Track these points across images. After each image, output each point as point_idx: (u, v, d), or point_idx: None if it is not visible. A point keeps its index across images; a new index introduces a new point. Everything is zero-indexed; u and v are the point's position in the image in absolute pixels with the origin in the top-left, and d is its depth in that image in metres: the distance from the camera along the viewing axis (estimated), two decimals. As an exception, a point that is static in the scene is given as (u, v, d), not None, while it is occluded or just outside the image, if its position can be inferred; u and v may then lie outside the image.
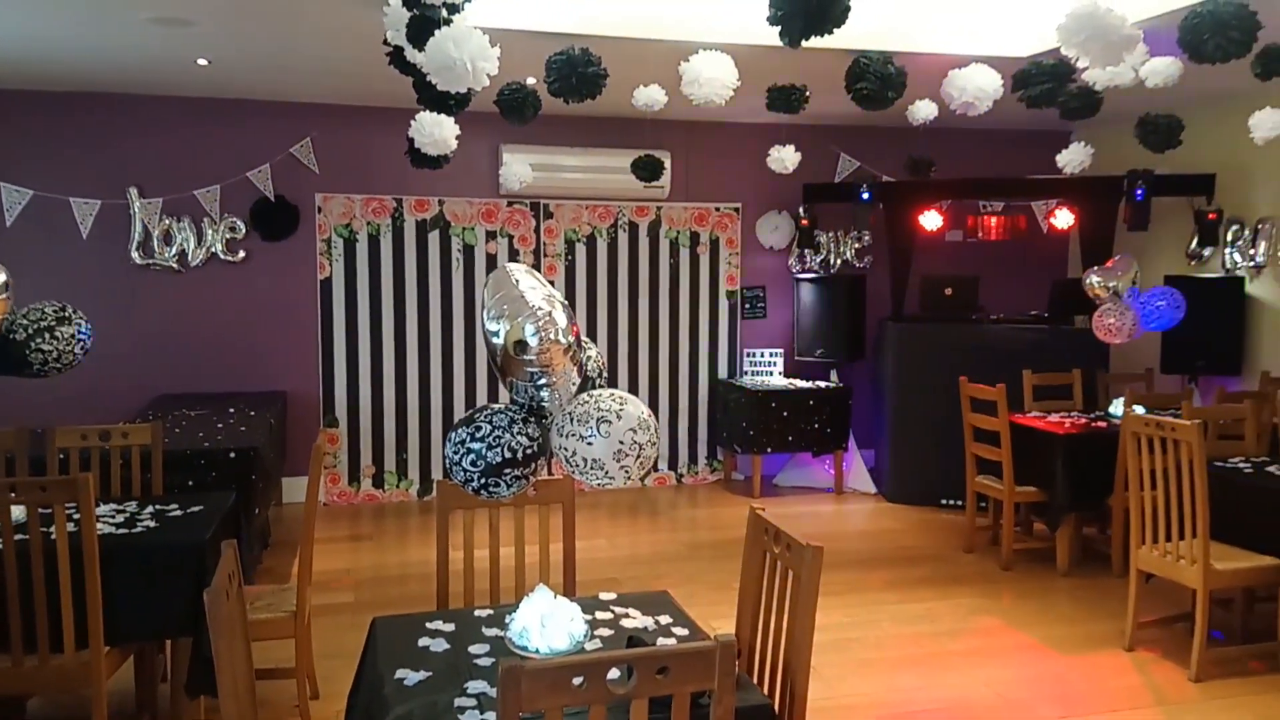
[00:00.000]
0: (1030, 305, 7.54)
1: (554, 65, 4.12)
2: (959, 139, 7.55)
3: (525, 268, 2.26)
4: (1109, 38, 2.64)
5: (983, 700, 3.97)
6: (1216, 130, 6.36)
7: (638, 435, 2.15)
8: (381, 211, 6.97)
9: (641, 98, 4.88)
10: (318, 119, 6.84)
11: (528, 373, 2.11)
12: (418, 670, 2.29)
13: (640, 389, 7.57)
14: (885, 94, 4.44)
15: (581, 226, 7.35)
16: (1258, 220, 6.57)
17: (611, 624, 2.57)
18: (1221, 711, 3.84)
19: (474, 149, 6.93)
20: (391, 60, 3.69)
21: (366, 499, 7.07)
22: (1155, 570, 4.30)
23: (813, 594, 2.44)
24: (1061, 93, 4.33)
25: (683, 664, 1.83)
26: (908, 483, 7.07)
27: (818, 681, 4.04)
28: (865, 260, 7.85)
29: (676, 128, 7.36)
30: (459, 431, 2.20)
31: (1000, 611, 4.94)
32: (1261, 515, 4.17)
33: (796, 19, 2.44)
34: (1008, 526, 5.60)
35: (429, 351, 7.12)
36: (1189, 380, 6.75)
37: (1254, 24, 3.53)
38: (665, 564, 5.71)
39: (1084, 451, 5.37)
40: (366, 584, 5.33)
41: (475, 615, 2.63)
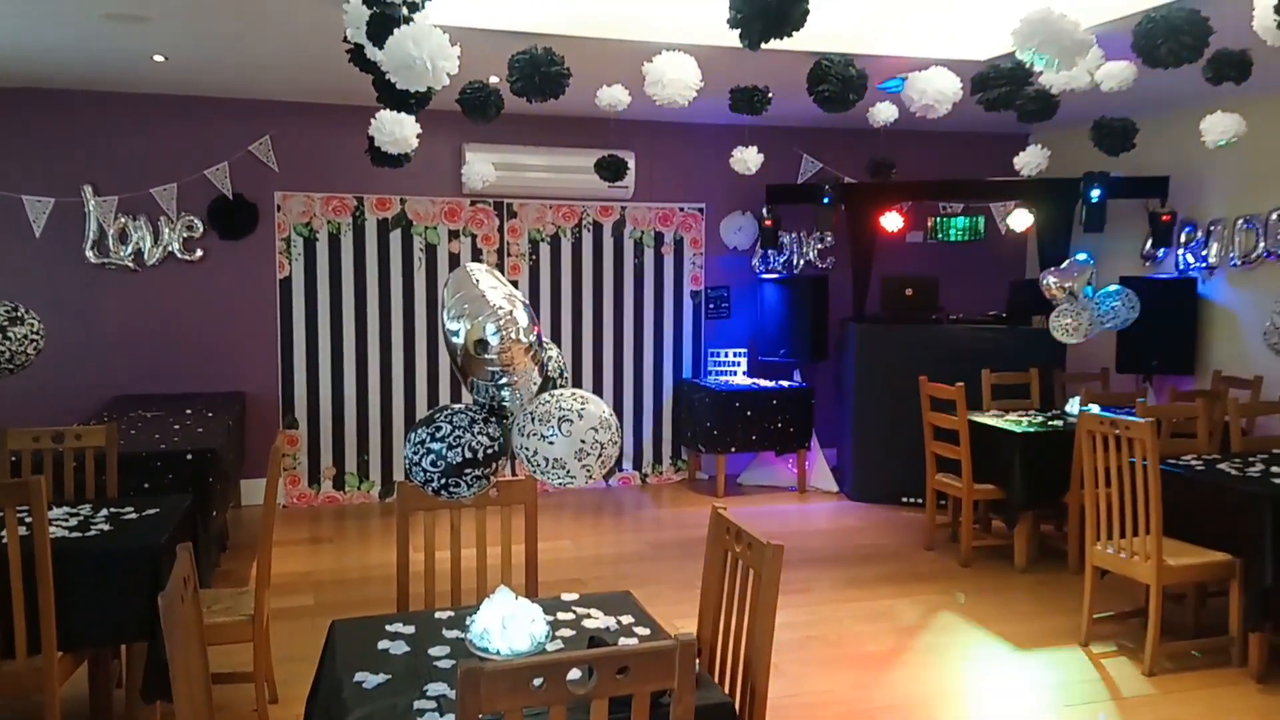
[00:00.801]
0: (989, 306, 7.64)
1: (517, 64, 4.12)
2: (919, 141, 7.63)
3: (486, 267, 2.25)
4: (1062, 42, 2.68)
5: (941, 696, 4.01)
6: (1170, 134, 6.49)
7: (599, 434, 2.15)
8: (342, 210, 6.91)
9: (605, 98, 4.88)
10: (277, 116, 6.76)
11: (489, 372, 2.11)
12: (377, 673, 2.28)
13: (605, 389, 7.57)
14: (846, 96, 4.49)
15: (545, 226, 7.34)
16: (1210, 222, 6.71)
17: (573, 625, 2.57)
18: (1175, 705, 3.91)
19: (436, 148, 6.89)
20: (352, 58, 3.66)
21: (327, 501, 7.00)
22: (1110, 566, 4.38)
23: (773, 592, 2.46)
24: (1019, 96, 4.40)
25: (643, 664, 1.84)
26: (869, 481, 7.13)
27: (780, 679, 4.08)
28: (828, 261, 7.91)
29: (640, 128, 7.36)
30: (418, 432, 2.19)
31: (959, 608, 4.99)
32: (1213, 512, 4.25)
33: (756, 22, 2.46)
34: (966, 524, 5.67)
35: (390, 352, 7.06)
36: (1143, 379, 6.88)
37: (1206, 30, 3.61)
38: (629, 564, 5.71)
39: (1041, 450, 5.46)
40: (327, 587, 5.28)
41: (436, 617, 2.62)
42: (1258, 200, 6.36)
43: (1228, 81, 4.11)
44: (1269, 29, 3.13)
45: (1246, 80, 4.13)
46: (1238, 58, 4.06)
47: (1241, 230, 6.47)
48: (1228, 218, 6.59)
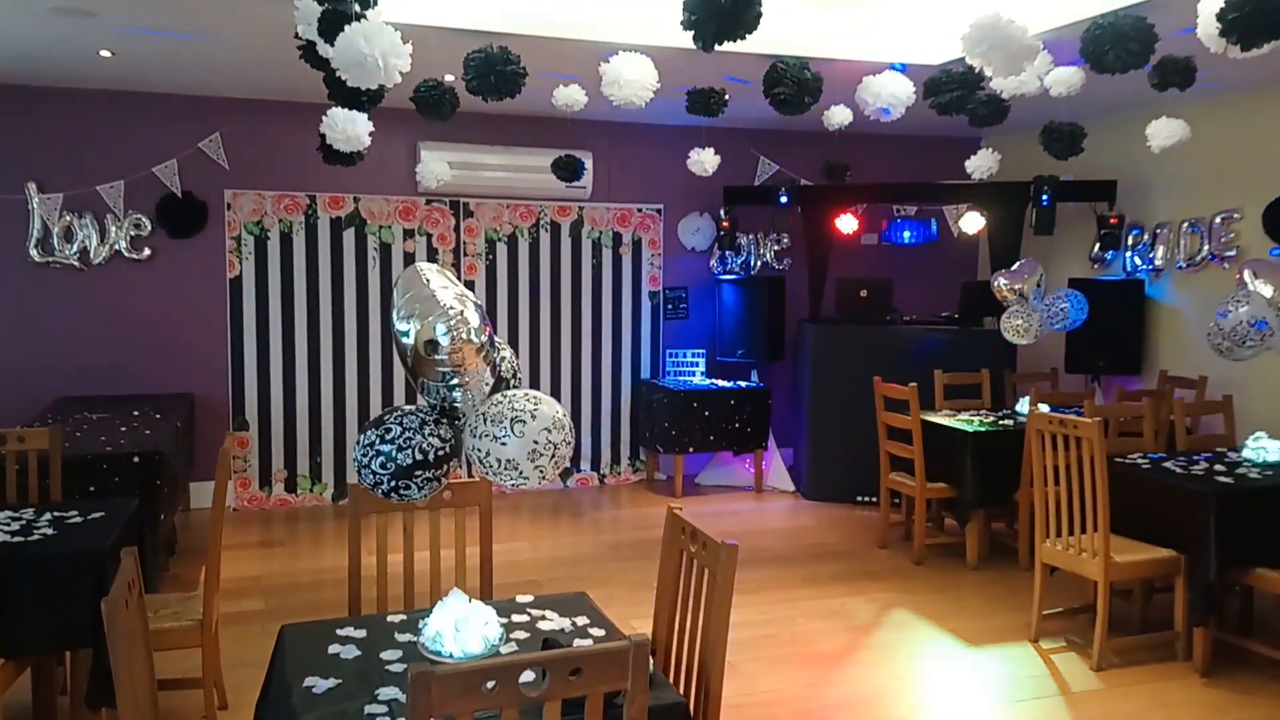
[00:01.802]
0: (942, 307, 7.74)
1: (472, 63, 4.09)
2: (874, 145, 7.71)
3: (437, 267, 2.23)
4: (1010, 48, 2.72)
5: (895, 693, 4.05)
6: (1117, 138, 6.62)
7: (552, 435, 2.14)
8: (294, 209, 6.82)
9: (561, 98, 4.86)
10: (227, 113, 6.65)
11: (439, 373, 2.09)
12: (327, 678, 2.25)
13: (562, 390, 7.55)
14: (802, 99, 4.53)
15: (502, 226, 7.30)
16: (1156, 225, 6.86)
17: (528, 627, 2.55)
18: (1122, 699, 3.98)
19: (391, 146, 6.83)
20: (303, 55, 3.61)
21: (279, 504, 6.90)
22: (1059, 563, 4.45)
23: (728, 592, 2.46)
24: (970, 100, 4.46)
25: (596, 665, 1.83)
26: (825, 480, 7.19)
27: (735, 678, 4.09)
28: (785, 262, 7.96)
29: (598, 128, 7.36)
30: (367, 433, 2.16)
31: (912, 605, 5.05)
32: (1159, 509, 4.34)
33: (709, 23, 2.46)
34: (919, 522, 5.74)
35: (344, 352, 6.98)
36: (1091, 379, 7.01)
37: (1152, 37, 3.69)
38: (586, 565, 5.70)
39: (992, 449, 5.53)
40: (278, 591, 5.21)
41: (388, 621, 2.59)
42: (1202, 204, 6.51)
43: (1172, 87, 4.21)
44: (1211, 36, 3.19)
45: (1190, 86, 4.22)
46: (1182, 64, 4.16)
47: (1186, 233, 6.62)
48: (1173, 221, 6.73)
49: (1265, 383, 5.95)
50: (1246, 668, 4.22)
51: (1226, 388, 5.81)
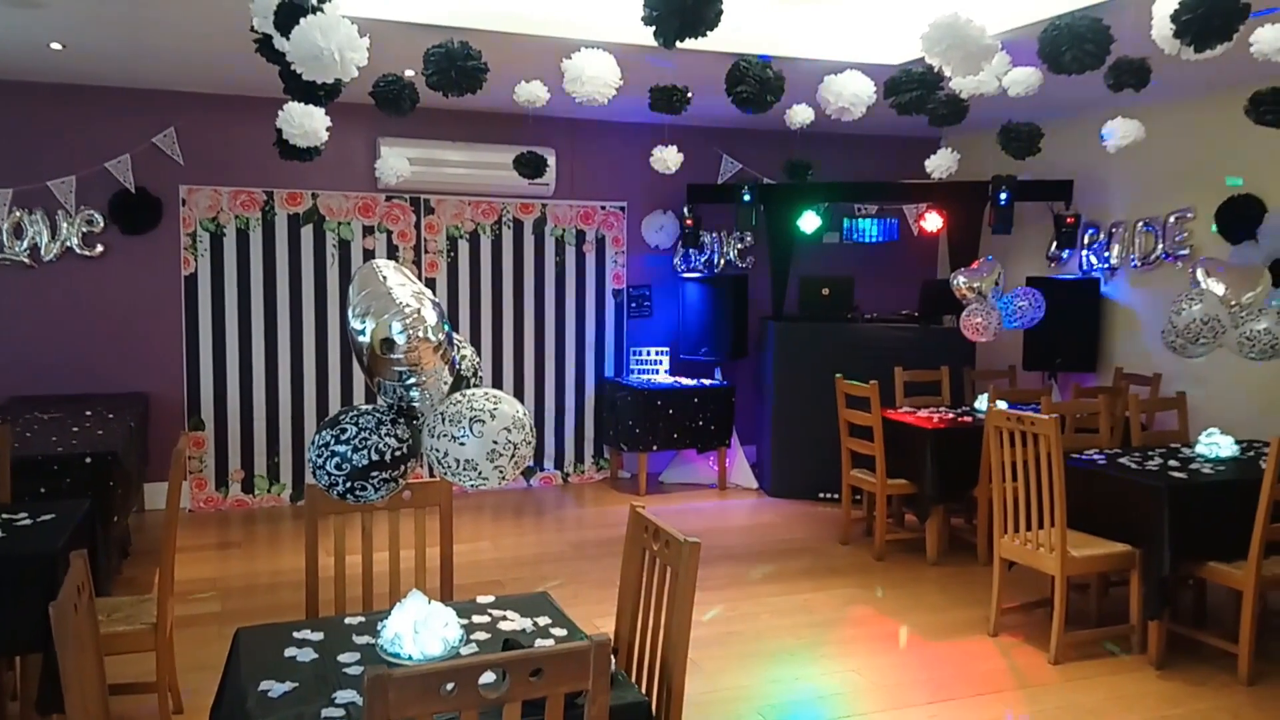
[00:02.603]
0: (902, 305, 7.80)
1: (432, 58, 4.05)
2: (835, 144, 7.75)
3: (394, 264, 2.20)
4: (968, 48, 2.74)
5: (856, 688, 4.08)
6: (1074, 138, 6.71)
7: (512, 434, 2.12)
8: (251, 205, 6.71)
9: (523, 94, 4.83)
10: (182, 108, 6.53)
11: (395, 372, 2.06)
12: (283, 681, 2.21)
13: (526, 388, 7.51)
14: (764, 97, 4.53)
15: (464, 222, 7.24)
16: (1111, 224, 6.96)
17: (489, 627, 2.53)
18: (1078, 691, 4.04)
19: (350, 141, 6.75)
20: (259, 48, 3.55)
21: (235, 505, 6.80)
22: (1017, 558, 4.50)
23: (690, 589, 2.46)
24: (930, 100, 4.49)
25: (556, 665, 1.82)
26: (787, 477, 7.22)
27: (698, 675, 4.09)
28: (748, 260, 7.98)
29: (561, 125, 7.32)
30: (322, 434, 2.13)
31: (873, 601, 5.09)
32: (1114, 504, 4.40)
33: (671, 20, 2.45)
34: (880, 518, 5.78)
35: (302, 351, 6.89)
36: (1049, 376, 7.10)
37: (1108, 38, 3.73)
38: (550, 564, 5.67)
39: (951, 445, 5.59)
40: (235, 593, 5.13)
41: (346, 623, 2.56)
42: (1156, 203, 6.62)
43: (1128, 88, 4.26)
44: (1166, 38, 3.24)
45: (1145, 87, 4.28)
46: (1137, 65, 4.22)
47: (1141, 232, 6.73)
48: (1128, 220, 6.84)
49: (1218, 379, 6.07)
50: (1199, 659, 4.29)
51: (1180, 384, 5.91)
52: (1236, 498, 4.13)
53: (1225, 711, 3.85)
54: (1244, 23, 3.08)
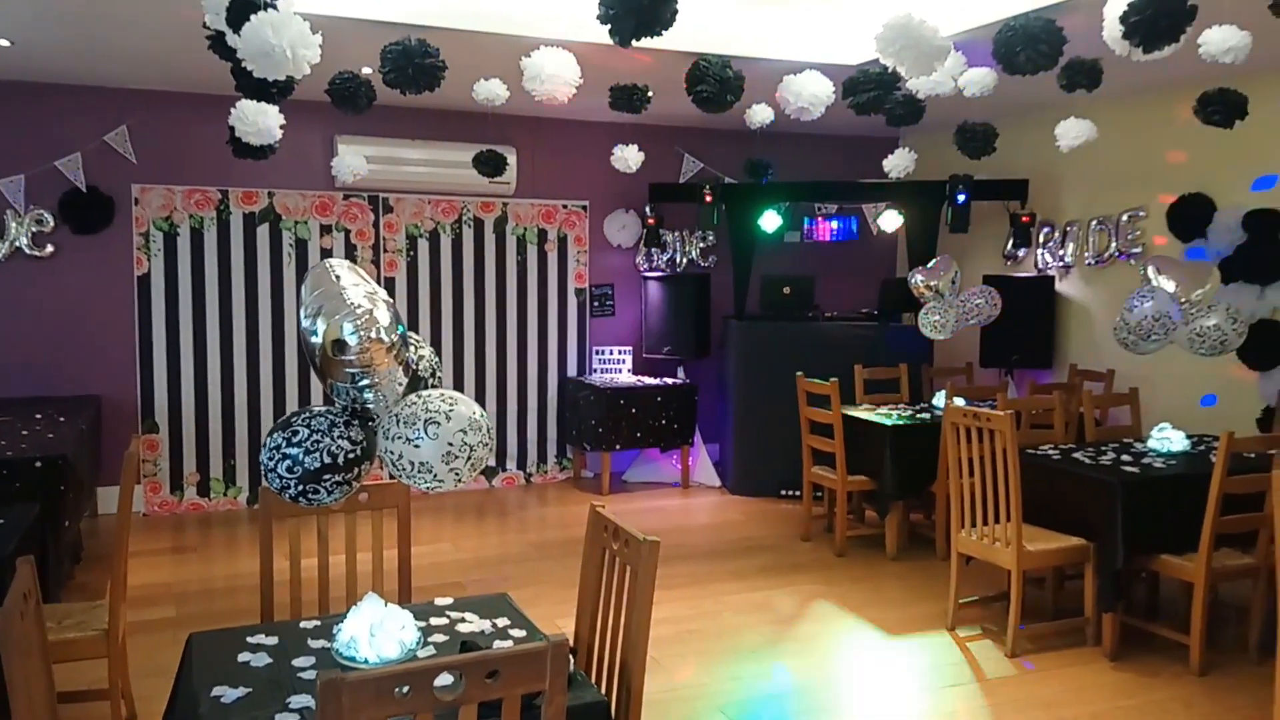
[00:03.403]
0: (862, 303, 7.86)
1: (389, 55, 4.01)
2: (795, 143, 7.79)
3: (348, 263, 2.17)
4: (921, 48, 2.76)
5: (817, 684, 4.10)
6: (1029, 138, 6.80)
7: (468, 436, 2.10)
8: (205, 204, 6.61)
9: (482, 92, 4.81)
10: (135, 105, 6.42)
11: (347, 374, 2.03)
12: (236, 687, 2.18)
13: (487, 388, 7.47)
14: (724, 97, 4.54)
15: (424, 221, 7.19)
16: (1066, 223, 7.07)
17: (447, 630, 2.51)
18: (1035, 684, 4.09)
19: (307, 139, 6.67)
20: (212, 45, 3.50)
21: (191, 508, 6.69)
22: (974, 553, 4.56)
23: (649, 589, 2.46)
24: (887, 100, 4.53)
25: (513, 666, 1.81)
26: (750, 475, 7.25)
27: (659, 673, 4.10)
28: (710, 259, 8.00)
29: (521, 123, 7.29)
30: (274, 436, 2.10)
31: (835, 597, 5.12)
32: (1069, 499, 4.47)
33: (627, 19, 2.45)
34: (841, 515, 5.82)
35: (258, 352, 6.79)
36: (1005, 373, 7.19)
37: (1061, 39, 3.79)
38: (512, 565, 5.65)
39: (910, 442, 5.64)
40: (191, 598, 5.05)
41: (301, 627, 2.53)
42: (1110, 202, 6.73)
43: (1080, 89, 4.33)
44: (1116, 39, 3.30)
45: (1097, 88, 4.35)
46: (1089, 66, 4.28)
47: (1095, 231, 6.84)
48: (1082, 219, 6.95)
49: (1169, 375, 6.18)
50: (1152, 650, 4.37)
51: (1133, 380, 6.01)
52: (1187, 492, 4.20)
53: (1178, 701, 3.93)
54: (1191, 24, 3.14)
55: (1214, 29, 3.64)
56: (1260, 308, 5.69)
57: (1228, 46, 3.57)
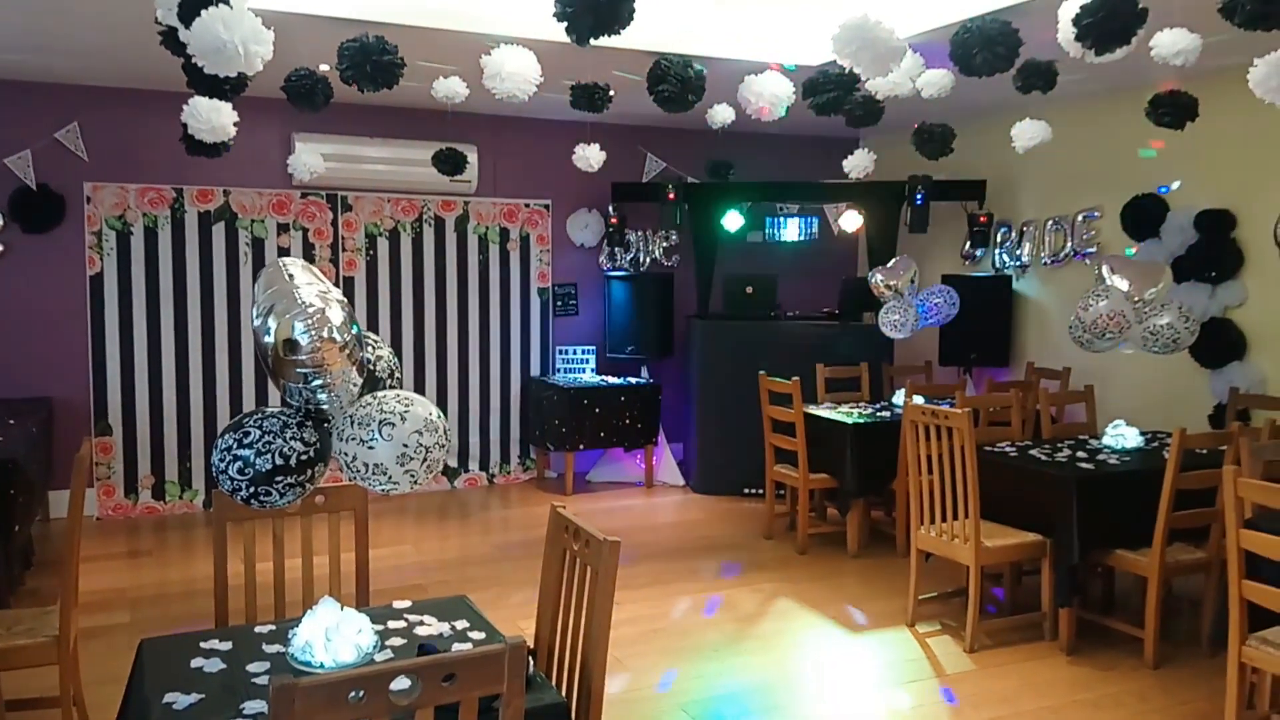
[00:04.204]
0: (823, 303, 7.91)
1: (346, 52, 3.97)
2: (757, 143, 7.82)
3: (302, 262, 2.14)
4: (878, 49, 2.78)
5: (778, 682, 4.12)
6: (986, 140, 6.87)
7: (424, 438, 2.07)
8: (159, 202, 6.50)
9: (442, 89, 4.77)
10: (86, 102, 6.29)
11: (299, 374, 2.00)
12: (189, 693, 2.14)
13: (449, 389, 7.42)
14: (685, 96, 4.55)
15: (383, 220, 7.12)
16: (1022, 223, 7.16)
17: (404, 633, 2.49)
18: (993, 679, 4.14)
19: (263, 137, 6.59)
20: (164, 41, 3.44)
21: (146, 512, 6.58)
22: (933, 549, 4.60)
23: (610, 589, 2.45)
24: (847, 101, 4.56)
25: (470, 669, 1.79)
26: (713, 474, 7.26)
27: (622, 673, 4.09)
28: (673, 259, 8.00)
29: (482, 121, 7.25)
30: (225, 438, 2.06)
31: (796, 594, 5.14)
32: (1025, 495, 4.53)
33: (585, 17, 2.44)
34: (803, 513, 5.85)
35: (214, 352, 6.69)
36: (963, 371, 7.27)
37: (1017, 41, 3.84)
38: (474, 567, 5.61)
39: (870, 440, 5.68)
40: (146, 603, 4.97)
41: (256, 632, 2.49)
42: (1065, 203, 6.82)
43: (1035, 90, 4.39)
44: (1070, 41, 3.34)
45: (1052, 89, 4.41)
46: (1045, 68, 4.34)
47: (1051, 231, 6.93)
48: (1039, 219, 7.04)
49: (1124, 373, 6.28)
50: (1108, 645, 4.44)
51: (1088, 378, 6.10)
52: (1141, 487, 4.26)
53: (1133, 694, 3.99)
54: (1142, 26, 3.19)
55: (1165, 32, 3.70)
56: (1211, 306, 5.80)
57: (1178, 49, 3.63)
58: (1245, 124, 5.54)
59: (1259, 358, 5.64)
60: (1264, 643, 3.24)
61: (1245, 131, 5.59)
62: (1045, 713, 3.83)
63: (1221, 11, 2.92)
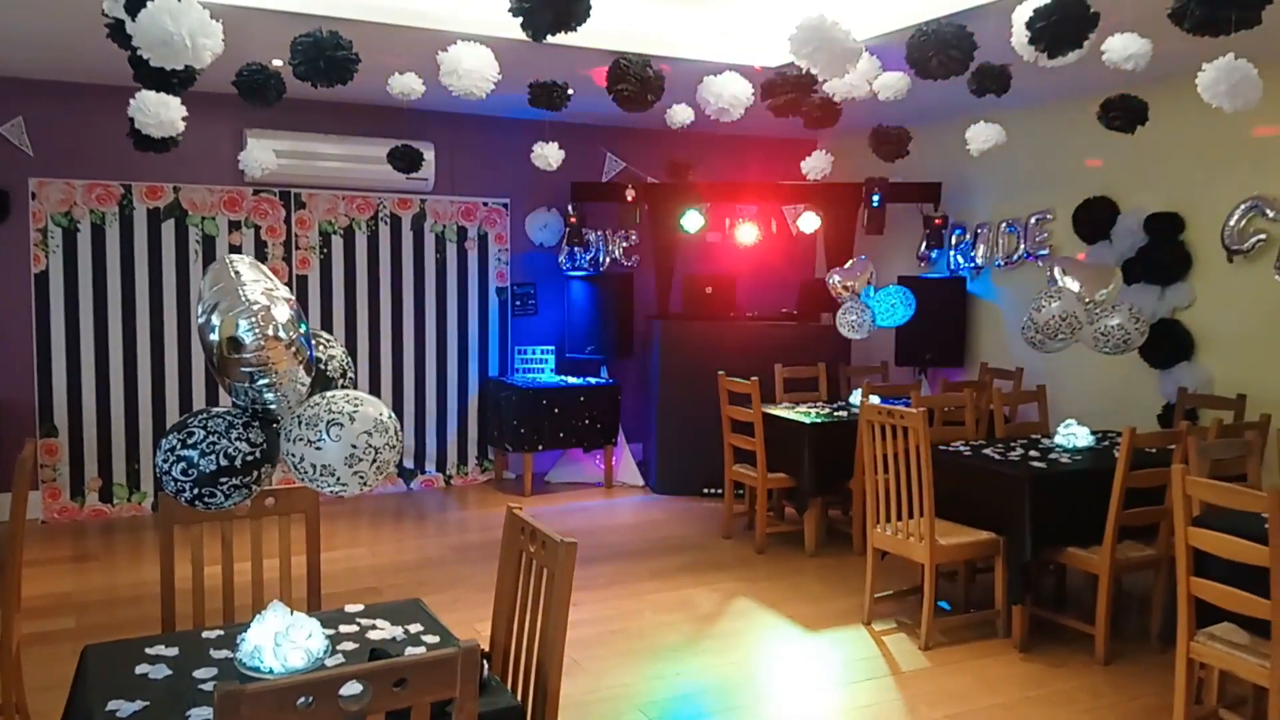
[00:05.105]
0: (782, 303, 7.94)
1: (299, 47, 3.91)
2: (716, 144, 7.84)
3: (250, 259, 2.10)
4: (834, 49, 2.79)
5: (736, 681, 4.12)
6: (942, 142, 6.94)
7: (373, 439, 2.04)
8: (107, 199, 6.36)
9: (397, 86, 4.72)
10: (31, 96, 6.14)
11: (244, 373, 1.95)
12: (133, 700, 2.09)
13: (405, 389, 7.34)
14: (645, 96, 4.55)
15: (338, 218, 7.03)
16: (977, 225, 7.24)
17: (357, 637, 2.45)
18: (948, 676, 4.18)
19: (215, 132, 6.47)
20: (111, 33, 3.36)
21: (93, 515, 6.43)
22: (889, 548, 4.63)
23: (566, 591, 2.43)
24: (804, 102, 4.58)
25: (422, 674, 1.76)
26: (673, 474, 7.26)
27: (580, 676, 4.07)
28: (633, 259, 7.99)
29: (440, 119, 7.18)
30: (169, 438, 2.01)
31: (754, 593, 5.16)
32: (979, 494, 4.58)
33: (542, 13, 2.42)
34: (761, 512, 5.87)
35: (163, 352, 6.55)
36: (919, 372, 7.34)
37: (972, 45, 3.88)
38: (430, 570, 5.56)
39: (827, 439, 5.72)
40: (92, 608, 4.85)
41: (203, 637, 2.43)
42: (1018, 205, 6.92)
43: (989, 94, 4.43)
44: (1024, 45, 3.38)
45: (1006, 93, 4.46)
46: (998, 71, 4.39)
47: (1004, 233, 7.02)
48: (992, 221, 7.13)
49: (1075, 373, 6.38)
50: (1060, 641, 4.50)
51: (1041, 378, 6.19)
52: (1092, 486, 4.32)
53: (1084, 690, 4.05)
54: (1094, 31, 3.24)
55: (1116, 36, 3.76)
56: (1160, 308, 5.91)
57: (1129, 54, 3.69)
58: (1194, 128, 5.65)
59: (1207, 358, 5.76)
60: (1211, 638, 3.31)
61: (1194, 136, 5.70)
62: (998, 710, 3.87)
63: (1171, 17, 2.97)
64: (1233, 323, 5.60)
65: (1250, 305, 5.50)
